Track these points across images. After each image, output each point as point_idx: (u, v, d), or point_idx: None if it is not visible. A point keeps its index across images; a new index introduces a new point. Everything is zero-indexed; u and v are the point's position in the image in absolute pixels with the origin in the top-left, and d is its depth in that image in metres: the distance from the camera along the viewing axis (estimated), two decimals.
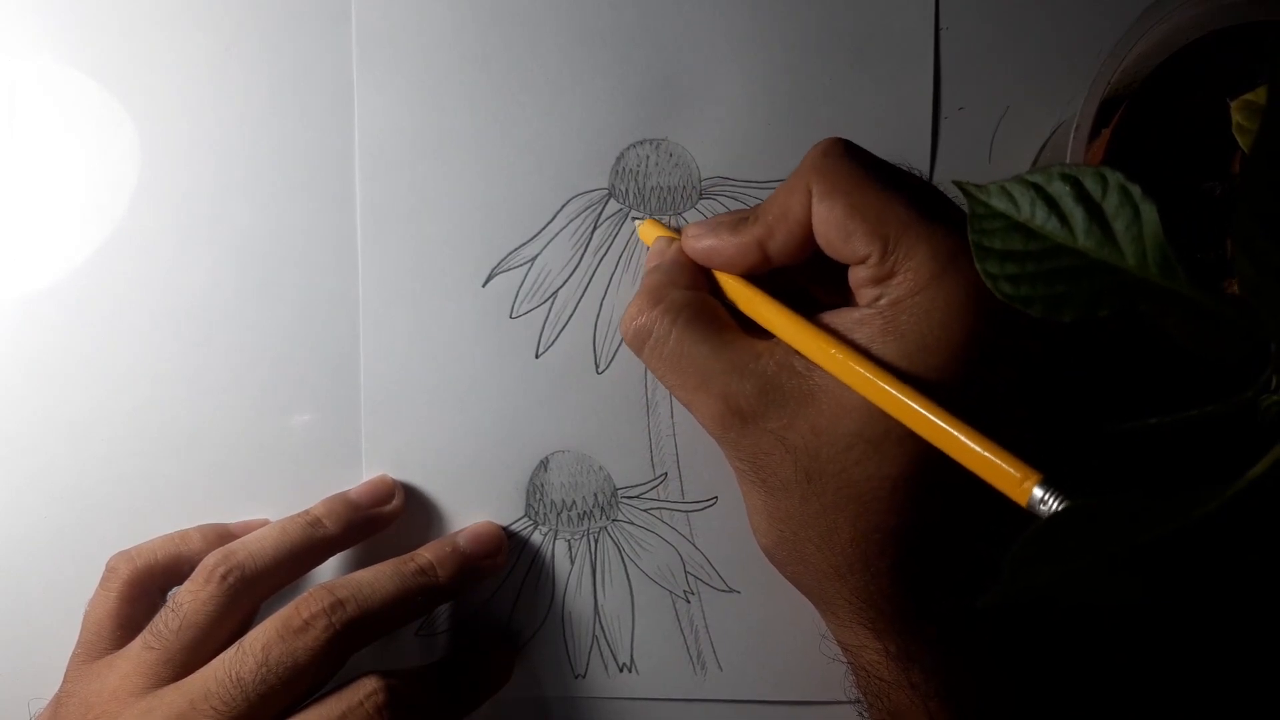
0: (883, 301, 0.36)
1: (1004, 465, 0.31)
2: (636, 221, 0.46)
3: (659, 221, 0.45)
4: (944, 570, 0.37)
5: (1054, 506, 0.30)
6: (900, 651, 0.37)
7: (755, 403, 0.37)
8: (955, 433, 0.33)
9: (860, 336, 0.36)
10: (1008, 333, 0.35)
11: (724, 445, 0.39)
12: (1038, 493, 0.31)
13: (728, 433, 0.38)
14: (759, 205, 0.39)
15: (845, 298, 0.39)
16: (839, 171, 0.36)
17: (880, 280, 0.36)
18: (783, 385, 0.37)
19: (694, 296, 0.40)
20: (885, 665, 0.37)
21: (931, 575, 0.37)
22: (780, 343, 0.38)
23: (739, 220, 0.39)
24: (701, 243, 0.40)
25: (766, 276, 0.40)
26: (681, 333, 0.39)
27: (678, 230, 0.43)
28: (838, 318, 0.37)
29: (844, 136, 0.40)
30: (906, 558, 0.36)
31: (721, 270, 0.40)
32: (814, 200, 0.36)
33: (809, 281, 0.41)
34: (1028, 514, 0.31)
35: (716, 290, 0.41)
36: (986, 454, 0.32)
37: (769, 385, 0.37)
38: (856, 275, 0.36)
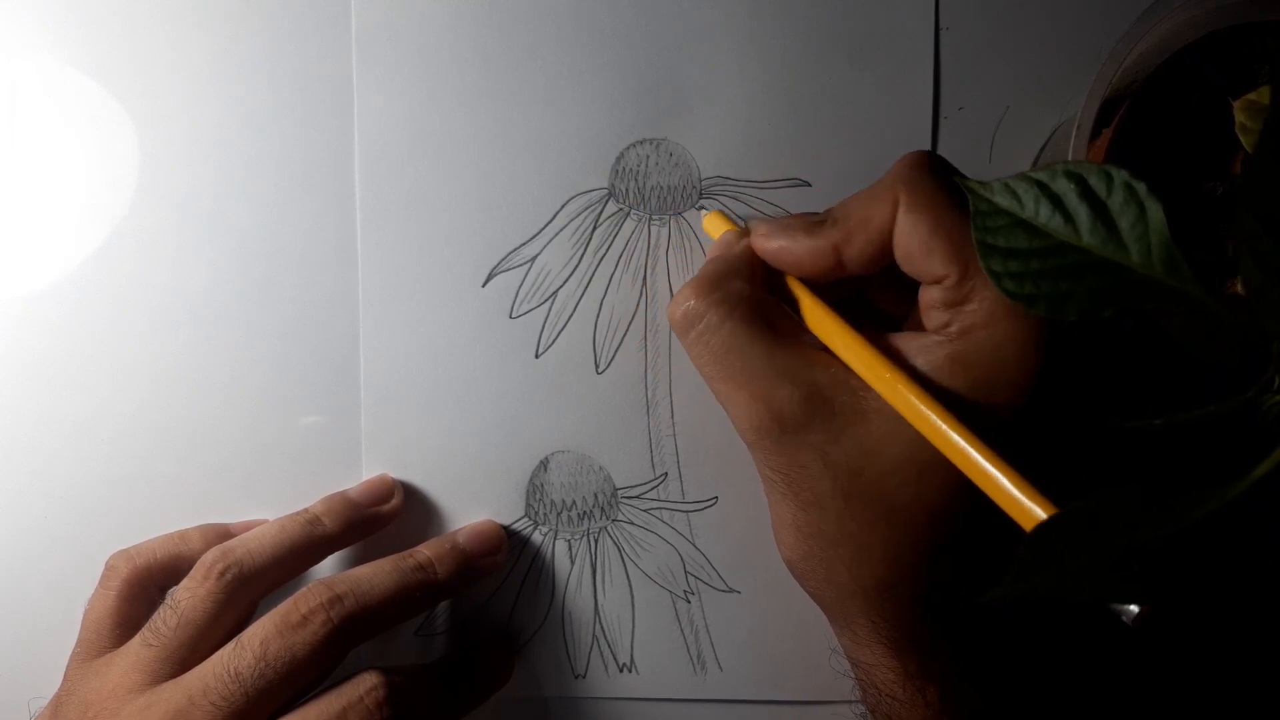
0: (952, 328, 0.35)
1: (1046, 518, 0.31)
2: (703, 212, 0.46)
3: (726, 215, 0.45)
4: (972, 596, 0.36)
5: None
6: (920, 670, 0.36)
7: (799, 412, 0.36)
8: (1000, 478, 0.32)
9: (923, 362, 0.35)
10: (1072, 369, 0.34)
11: (756, 452, 0.38)
12: None
13: (763, 439, 0.37)
14: (835, 209, 0.38)
15: (907, 310, 0.38)
16: (929, 187, 0.35)
17: (953, 304, 0.35)
18: (834, 399, 0.36)
19: (754, 292, 0.39)
20: (901, 684, 0.37)
21: (960, 600, 0.36)
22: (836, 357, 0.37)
23: (814, 223, 0.38)
24: (773, 242, 0.39)
25: (836, 282, 0.39)
26: (735, 326, 0.38)
27: (739, 224, 0.43)
28: (904, 340, 0.36)
29: (844, 137, 0.40)
30: (938, 582, 0.36)
31: (789, 272, 0.39)
32: (900, 211, 0.35)
33: (872, 288, 0.40)
34: None
35: (778, 291, 0.39)
36: (1030, 505, 0.31)
37: (818, 397, 0.36)
38: (929, 295, 0.35)
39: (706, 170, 0.46)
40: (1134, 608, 0.30)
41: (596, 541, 0.47)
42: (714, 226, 0.44)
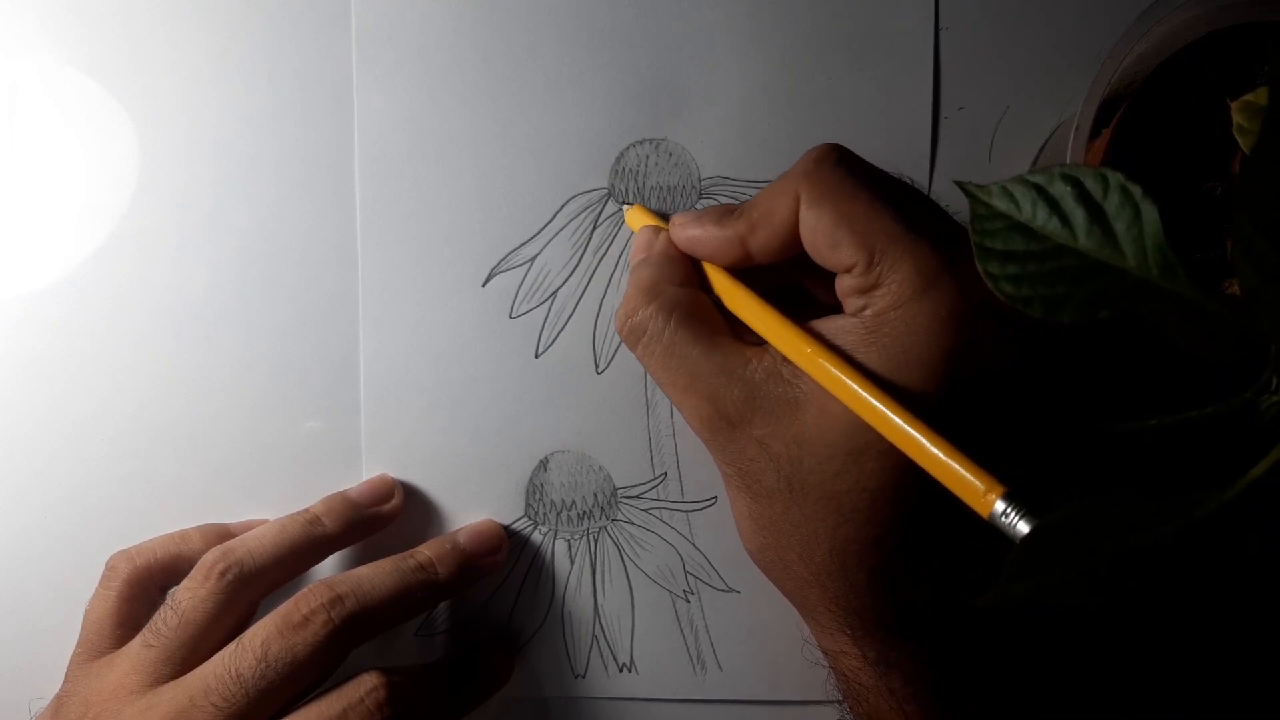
0: (867, 312, 0.35)
1: (968, 476, 0.31)
2: (625, 207, 0.46)
3: (647, 209, 0.45)
4: (921, 579, 0.37)
5: (1015, 521, 0.30)
6: (879, 657, 0.37)
7: (742, 408, 0.37)
8: (922, 440, 0.32)
9: (843, 344, 0.36)
10: (989, 349, 0.35)
11: (711, 448, 0.39)
12: (1000, 506, 0.30)
13: (715, 436, 0.38)
14: (747, 201, 0.39)
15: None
16: (830, 179, 0.36)
17: (865, 290, 0.35)
18: (769, 392, 0.37)
19: (688, 294, 0.40)
20: (864, 671, 0.37)
21: (909, 584, 0.37)
22: (769, 349, 0.38)
23: (725, 213, 0.39)
24: (686, 232, 0.40)
25: (767, 272, 0.40)
26: (675, 331, 0.39)
27: (665, 217, 0.43)
28: (826, 324, 0.37)
29: (844, 137, 0.40)
30: (884, 567, 0.36)
31: (704, 260, 0.40)
32: (803, 207, 0.36)
33: (808, 280, 0.41)
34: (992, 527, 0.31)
35: (706, 285, 0.40)
36: (951, 463, 0.32)
37: (756, 392, 0.37)
38: (842, 283, 0.36)
39: (706, 170, 0.46)
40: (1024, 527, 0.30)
41: (596, 541, 0.47)
42: (634, 220, 0.45)
